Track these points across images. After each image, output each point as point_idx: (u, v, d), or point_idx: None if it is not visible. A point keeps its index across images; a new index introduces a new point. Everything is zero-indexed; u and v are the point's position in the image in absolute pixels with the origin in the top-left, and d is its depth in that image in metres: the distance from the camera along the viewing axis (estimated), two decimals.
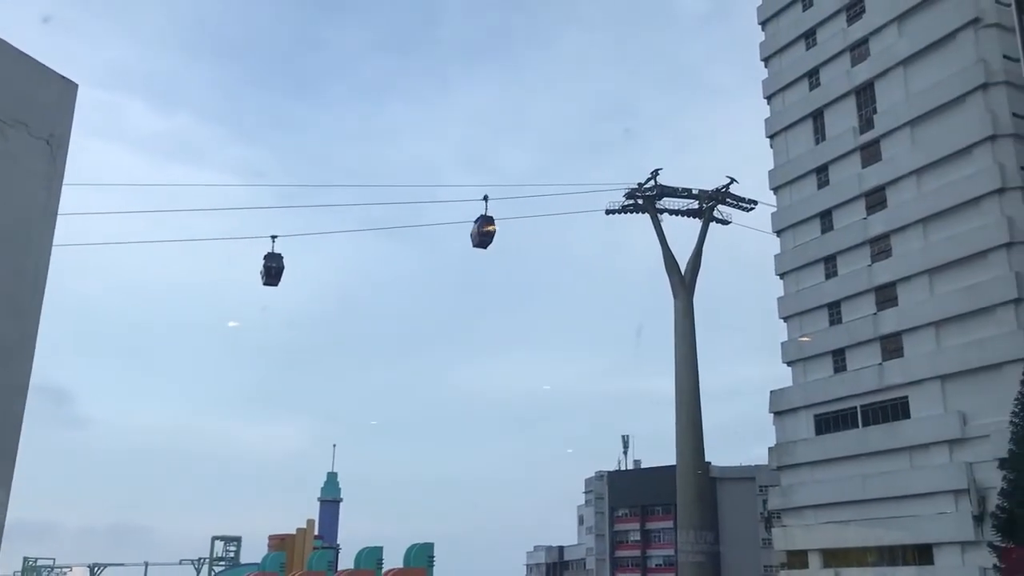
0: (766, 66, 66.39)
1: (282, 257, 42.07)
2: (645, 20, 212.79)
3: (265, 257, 42.01)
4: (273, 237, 41.81)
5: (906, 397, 52.45)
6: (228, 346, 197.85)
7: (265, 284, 42.41)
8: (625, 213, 70.05)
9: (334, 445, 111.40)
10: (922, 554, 50.20)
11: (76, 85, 3.71)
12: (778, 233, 63.20)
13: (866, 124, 57.68)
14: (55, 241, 3.62)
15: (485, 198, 40.52)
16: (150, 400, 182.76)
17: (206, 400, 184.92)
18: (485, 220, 40.64)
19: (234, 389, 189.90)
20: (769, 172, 64.66)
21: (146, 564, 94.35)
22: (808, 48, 62.87)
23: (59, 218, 3.64)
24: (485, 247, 41.25)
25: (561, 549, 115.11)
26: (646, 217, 70.03)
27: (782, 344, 61.34)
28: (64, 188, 3.65)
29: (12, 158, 3.42)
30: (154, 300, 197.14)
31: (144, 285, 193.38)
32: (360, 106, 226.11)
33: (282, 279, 42.27)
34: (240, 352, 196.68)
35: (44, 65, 3.60)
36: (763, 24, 67.15)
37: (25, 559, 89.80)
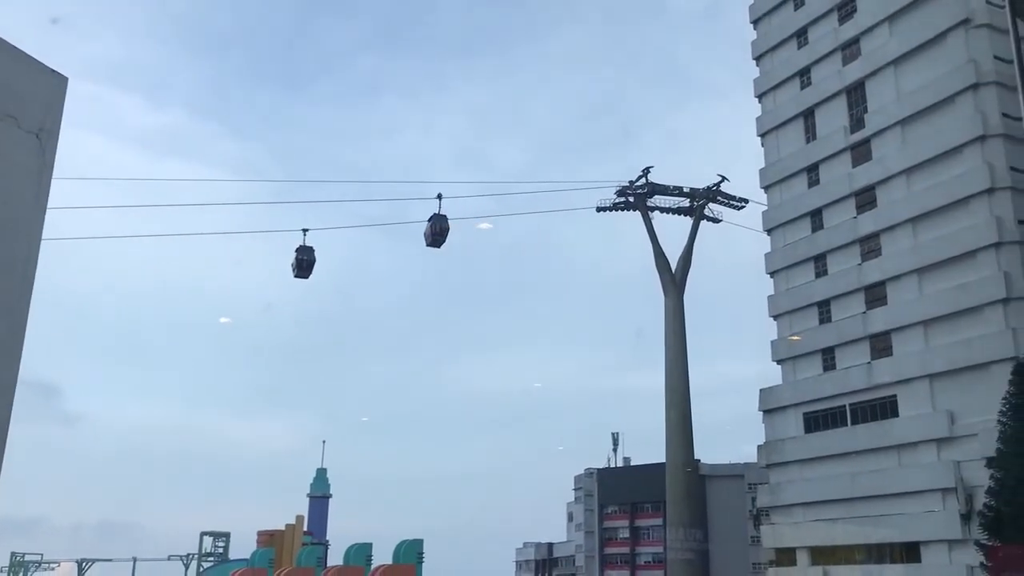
0: (757, 65, 66.51)
1: (314, 250, 41.71)
2: (638, 17, 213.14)
3: (297, 250, 41.49)
4: (304, 230, 41.48)
5: (895, 396, 52.67)
6: (221, 343, 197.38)
7: (296, 276, 42.10)
8: (616, 211, 70.15)
9: (323, 441, 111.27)
10: (910, 552, 50.45)
11: (66, 78, 3.68)
12: (768, 232, 63.36)
13: (857, 123, 57.85)
14: (45, 235, 3.59)
15: (439, 196, 40.32)
16: (141, 396, 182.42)
17: (197, 397, 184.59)
18: (439, 219, 40.38)
19: (226, 386, 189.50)
20: (760, 171, 64.80)
21: (134, 559, 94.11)
22: (799, 47, 62.99)
23: (49, 212, 3.62)
24: (439, 246, 41.08)
25: (550, 546, 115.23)
26: (638, 215, 70.13)
27: (772, 342, 61.50)
28: (54, 182, 3.63)
29: (1, 152, 3.39)
30: (146, 296, 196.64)
31: (136, 280, 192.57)
32: (353, 102, 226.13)
33: (312, 272, 42.08)
34: (233, 349, 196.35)
35: (33, 58, 3.57)
36: (755, 23, 67.25)
37: (13, 554, 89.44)
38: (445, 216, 40.49)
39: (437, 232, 40.38)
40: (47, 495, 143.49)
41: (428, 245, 41.24)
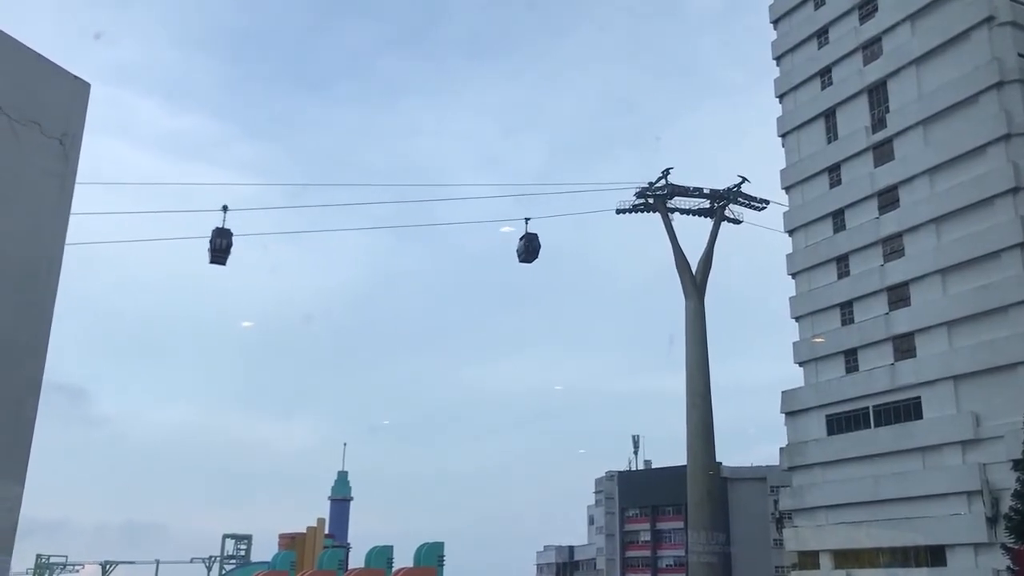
0: (778, 64, 66.16)
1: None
2: (657, 17, 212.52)
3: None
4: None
5: (919, 397, 52.19)
6: (241, 344, 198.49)
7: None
8: (636, 212, 69.89)
9: (344, 444, 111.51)
10: (935, 555, 49.95)
11: (89, 85, 3.72)
12: (790, 232, 62.99)
13: (878, 123, 57.41)
14: (68, 239, 3.63)
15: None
16: (166, 399, 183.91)
17: (220, 399, 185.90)
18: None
19: (248, 388, 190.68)
20: (781, 171, 64.45)
21: (157, 562, 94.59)
22: (820, 47, 62.62)
23: (72, 216, 3.66)
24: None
25: (571, 549, 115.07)
26: (658, 216, 69.83)
27: (794, 344, 61.11)
28: (77, 186, 3.67)
29: (25, 157, 3.43)
30: (169, 299, 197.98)
31: (159, 284, 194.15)
32: (373, 104, 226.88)
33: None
34: (255, 352, 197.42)
35: (57, 65, 3.61)
36: (775, 22, 66.94)
37: (38, 556, 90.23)
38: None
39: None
40: (72, 497, 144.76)
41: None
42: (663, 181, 69.11)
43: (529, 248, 44.98)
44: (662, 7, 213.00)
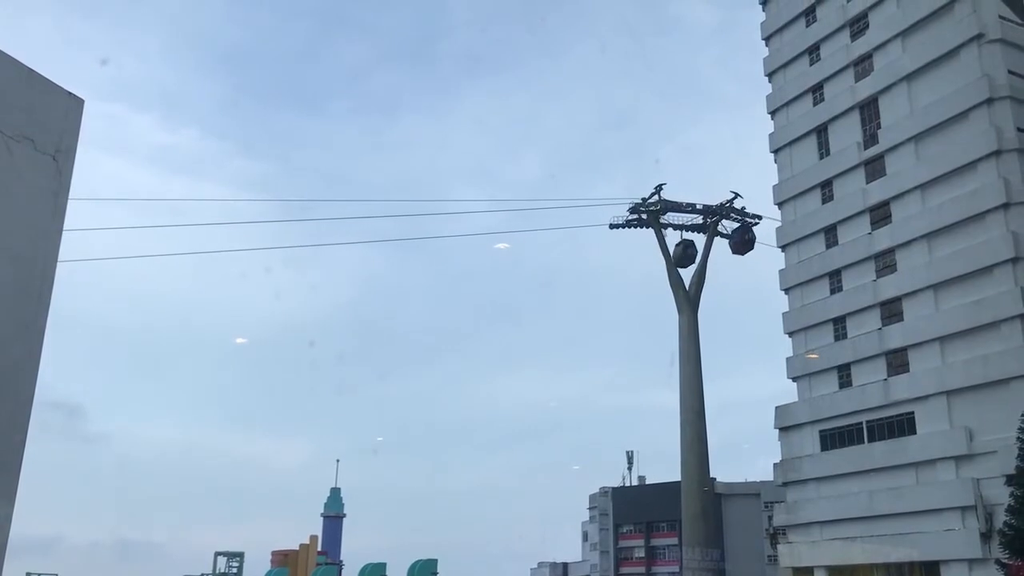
0: (770, 81, 66.54)
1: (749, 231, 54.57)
2: (653, 32, 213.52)
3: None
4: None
5: (912, 413, 52.24)
6: (237, 361, 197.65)
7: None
8: (629, 228, 70.05)
9: (337, 460, 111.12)
10: (929, 571, 49.86)
11: (82, 101, 3.72)
12: (783, 248, 63.15)
13: (870, 139, 57.73)
14: (62, 255, 3.62)
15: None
16: (160, 415, 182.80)
17: (215, 415, 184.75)
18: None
19: (241, 404, 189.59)
20: (773, 187, 64.65)
21: None
22: (812, 63, 63.00)
23: (65, 232, 3.65)
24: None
25: (565, 566, 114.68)
26: (651, 231, 69.99)
27: (787, 359, 61.15)
28: (70, 202, 3.66)
29: (18, 173, 3.43)
30: (164, 315, 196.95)
31: (154, 300, 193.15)
32: (368, 120, 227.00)
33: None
34: (248, 367, 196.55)
35: (51, 81, 3.61)
36: (767, 39, 67.35)
37: (28, 574, 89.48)
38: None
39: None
40: (65, 514, 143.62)
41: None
42: (656, 197, 69.36)
43: (745, 239, 50.60)
44: (660, 23, 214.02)
